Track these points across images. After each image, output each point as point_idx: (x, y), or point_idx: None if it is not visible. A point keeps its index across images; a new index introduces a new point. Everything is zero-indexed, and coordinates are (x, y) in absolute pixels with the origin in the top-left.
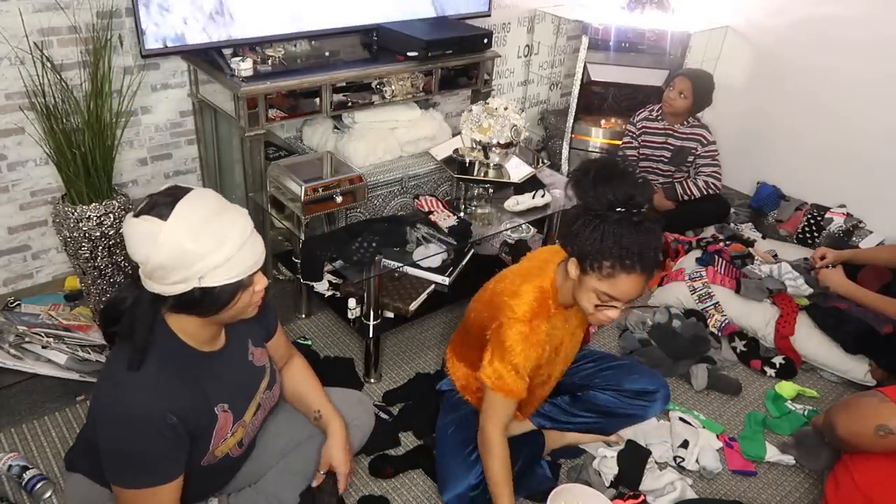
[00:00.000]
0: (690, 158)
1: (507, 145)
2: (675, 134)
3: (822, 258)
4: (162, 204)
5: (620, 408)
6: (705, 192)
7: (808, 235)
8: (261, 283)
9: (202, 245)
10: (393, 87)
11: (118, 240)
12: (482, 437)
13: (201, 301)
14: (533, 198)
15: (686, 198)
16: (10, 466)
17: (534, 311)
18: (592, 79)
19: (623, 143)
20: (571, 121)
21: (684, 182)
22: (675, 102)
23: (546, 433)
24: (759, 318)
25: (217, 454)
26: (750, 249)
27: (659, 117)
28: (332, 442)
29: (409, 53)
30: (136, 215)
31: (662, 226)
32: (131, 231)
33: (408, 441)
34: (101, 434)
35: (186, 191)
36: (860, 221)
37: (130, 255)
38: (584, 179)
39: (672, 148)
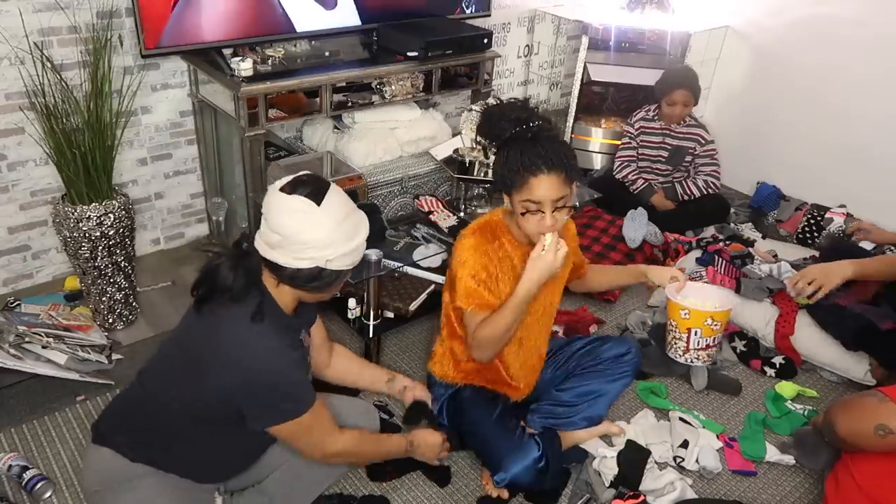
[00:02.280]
0: (688, 158)
1: None
2: (673, 134)
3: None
4: (315, 187)
5: (607, 379)
6: (705, 192)
7: (808, 235)
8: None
9: (342, 233)
10: (393, 87)
11: (118, 240)
12: (484, 349)
13: (317, 277)
14: None
15: (686, 198)
16: (10, 466)
17: (479, 226)
18: (592, 79)
19: (622, 143)
20: (571, 121)
21: (684, 182)
22: (677, 112)
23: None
24: (759, 317)
25: None
26: (750, 249)
27: (655, 117)
28: (414, 386)
29: (409, 53)
30: (291, 192)
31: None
32: (284, 205)
33: None
34: (251, 390)
35: (328, 183)
36: (860, 221)
37: (269, 225)
38: (485, 126)
39: (669, 148)
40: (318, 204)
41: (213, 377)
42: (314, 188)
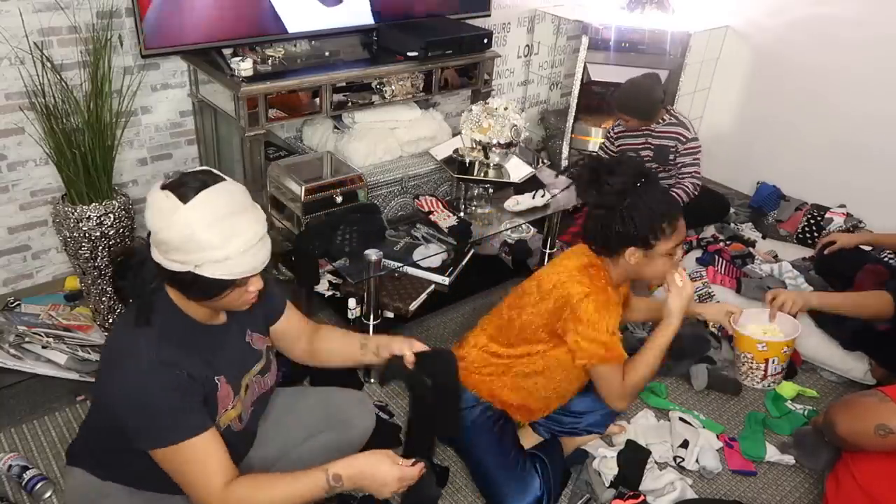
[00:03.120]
0: (672, 157)
1: (507, 145)
2: (654, 134)
3: (832, 243)
4: (189, 186)
5: None
6: (692, 196)
7: (808, 235)
8: (255, 285)
9: (208, 238)
10: (393, 87)
11: (118, 240)
12: (632, 397)
13: (191, 285)
14: (533, 198)
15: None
16: (10, 466)
17: (591, 279)
18: (592, 79)
19: (598, 147)
20: (571, 121)
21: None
22: (631, 125)
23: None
24: None
25: (221, 423)
26: (750, 249)
27: None
28: (395, 345)
29: (409, 53)
30: (163, 187)
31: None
32: (152, 200)
33: None
34: (119, 403)
35: (217, 180)
36: (860, 221)
37: (145, 221)
38: (597, 186)
39: (653, 147)
40: (185, 202)
41: (98, 387)
42: (195, 185)
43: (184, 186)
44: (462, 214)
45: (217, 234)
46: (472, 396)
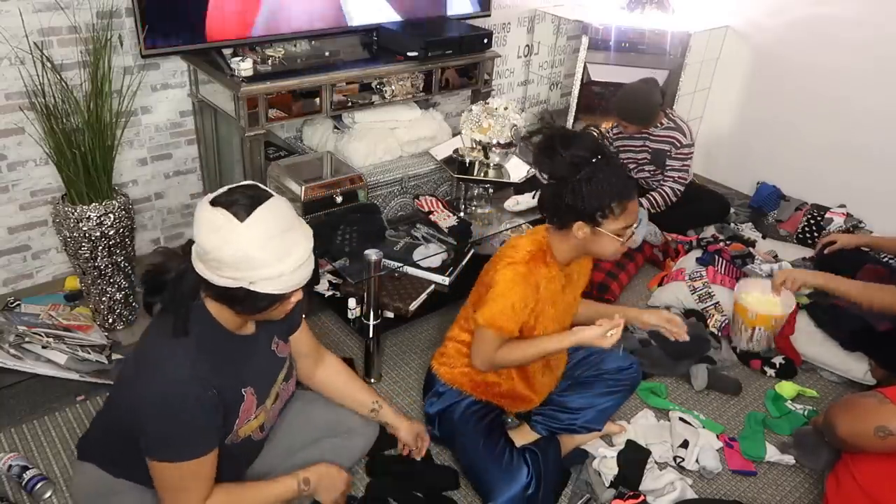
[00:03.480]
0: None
1: (507, 145)
2: (652, 137)
3: (832, 243)
4: (241, 203)
5: (607, 391)
6: (671, 201)
7: (808, 235)
8: (296, 296)
9: (265, 256)
10: (393, 87)
11: (118, 240)
12: (490, 365)
13: (243, 300)
14: (533, 198)
15: (657, 210)
16: (10, 466)
17: (532, 255)
18: (592, 79)
19: None
20: (571, 121)
21: (650, 196)
22: (629, 130)
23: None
24: None
25: (240, 434)
26: (750, 249)
27: None
28: (402, 433)
29: (409, 53)
30: (213, 203)
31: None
32: (205, 218)
33: None
34: (145, 413)
35: (267, 196)
36: (860, 221)
37: (194, 237)
38: (551, 155)
39: (650, 150)
40: (242, 220)
41: (124, 388)
42: (245, 202)
43: (236, 204)
44: (462, 214)
45: (272, 253)
46: (456, 391)
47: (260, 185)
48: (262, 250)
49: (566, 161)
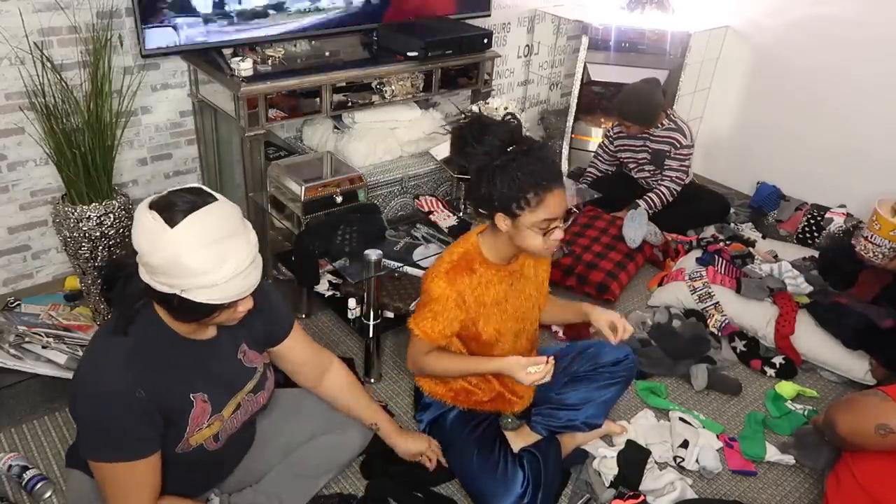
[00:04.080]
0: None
1: None
2: (652, 137)
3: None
4: (177, 208)
5: (605, 384)
6: (667, 201)
7: (808, 235)
8: (244, 305)
9: (195, 264)
10: (393, 87)
11: (118, 240)
12: (417, 368)
13: (178, 307)
14: None
15: (654, 210)
16: (10, 466)
17: (453, 266)
18: (592, 79)
19: (595, 153)
20: (571, 121)
21: (647, 197)
22: (631, 131)
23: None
24: (759, 317)
25: (192, 443)
26: (750, 249)
27: None
28: (401, 449)
29: (409, 53)
30: (150, 207)
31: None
32: (139, 220)
33: None
34: (73, 404)
35: (206, 202)
36: (860, 221)
37: (132, 240)
38: (466, 145)
39: (650, 151)
40: (172, 226)
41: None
42: (183, 207)
43: (172, 208)
44: (462, 214)
45: (205, 260)
46: (440, 403)
47: (206, 188)
48: (194, 257)
49: (481, 151)
